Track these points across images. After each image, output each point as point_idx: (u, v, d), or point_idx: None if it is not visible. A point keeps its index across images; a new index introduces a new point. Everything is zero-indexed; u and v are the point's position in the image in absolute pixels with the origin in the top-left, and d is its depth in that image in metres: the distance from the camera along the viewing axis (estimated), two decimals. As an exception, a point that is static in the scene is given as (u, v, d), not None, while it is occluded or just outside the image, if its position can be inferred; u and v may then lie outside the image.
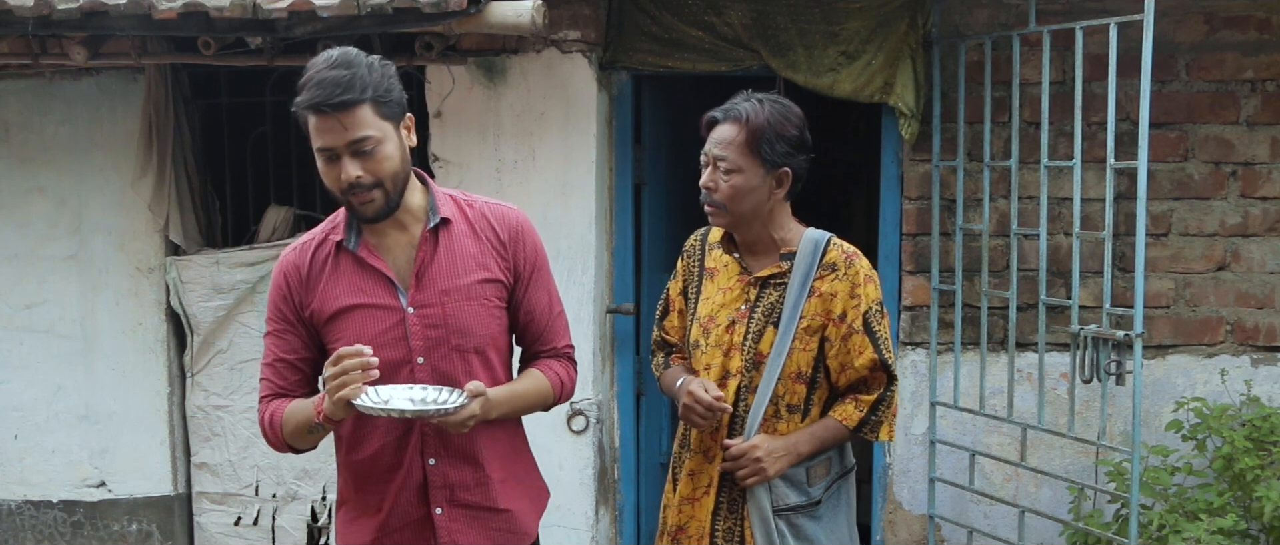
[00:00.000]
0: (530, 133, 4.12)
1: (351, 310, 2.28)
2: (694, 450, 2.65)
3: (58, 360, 4.48)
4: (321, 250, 2.32)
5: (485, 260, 2.32)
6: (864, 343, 2.56)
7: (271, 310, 2.34)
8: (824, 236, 2.61)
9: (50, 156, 4.40)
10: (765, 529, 2.56)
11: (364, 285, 2.28)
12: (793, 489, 2.57)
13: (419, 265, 2.27)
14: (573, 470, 4.19)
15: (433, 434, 2.29)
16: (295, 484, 4.41)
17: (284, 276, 2.32)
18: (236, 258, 4.32)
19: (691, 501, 2.67)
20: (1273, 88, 3.94)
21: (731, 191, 2.53)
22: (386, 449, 2.31)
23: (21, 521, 4.55)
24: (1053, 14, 3.85)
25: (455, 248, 2.30)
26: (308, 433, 2.26)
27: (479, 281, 2.31)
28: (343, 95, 2.11)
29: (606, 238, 4.28)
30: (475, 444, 2.33)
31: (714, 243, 2.72)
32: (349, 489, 2.39)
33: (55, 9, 3.71)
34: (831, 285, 2.56)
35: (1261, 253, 3.99)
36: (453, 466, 2.32)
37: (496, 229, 2.35)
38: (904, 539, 4.22)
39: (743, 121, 2.52)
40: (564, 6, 3.99)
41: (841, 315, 2.55)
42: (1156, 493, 3.64)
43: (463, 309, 2.28)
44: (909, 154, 4.10)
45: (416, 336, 2.26)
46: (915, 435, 4.17)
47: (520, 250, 2.36)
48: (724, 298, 2.63)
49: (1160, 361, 4.02)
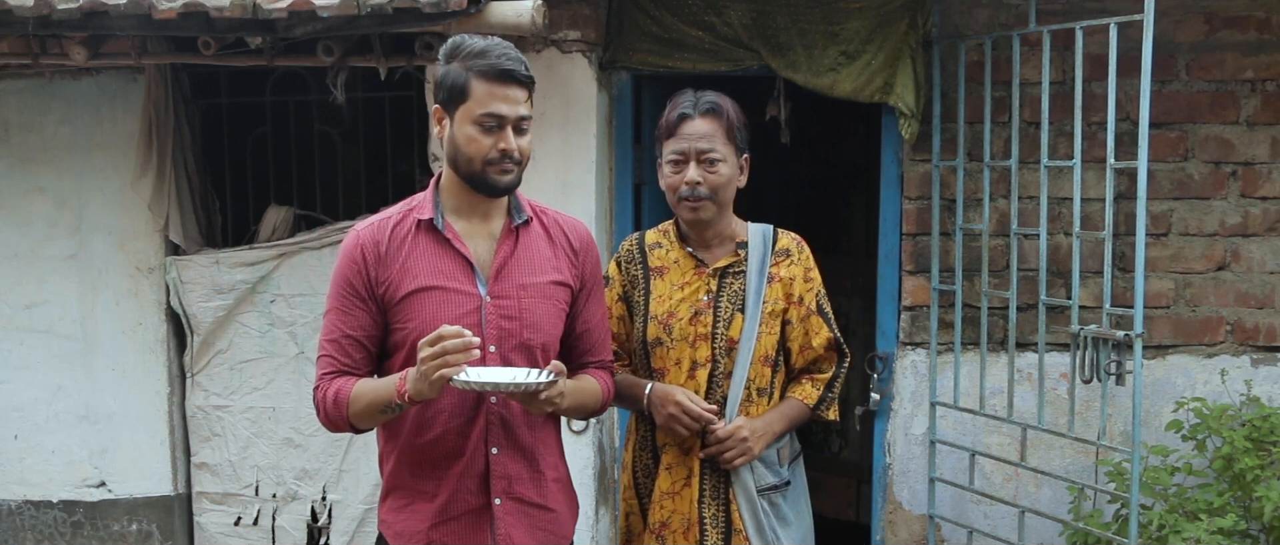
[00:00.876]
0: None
1: (429, 291, 2.30)
2: (671, 445, 2.71)
3: (58, 360, 4.48)
4: (401, 228, 2.34)
5: (559, 263, 2.41)
6: (820, 323, 2.74)
7: (341, 286, 2.32)
8: (768, 226, 2.76)
9: (50, 156, 4.40)
10: (753, 509, 2.67)
11: (445, 267, 2.31)
12: (769, 470, 2.71)
13: (500, 257, 2.33)
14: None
15: (498, 424, 2.33)
16: (295, 484, 4.41)
17: (361, 250, 2.31)
18: (236, 258, 4.32)
19: (673, 495, 2.72)
20: (1273, 88, 3.94)
21: (721, 181, 2.63)
22: (450, 434, 2.32)
23: (21, 521, 4.55)
24: (1053, 14, 3.85)
25: (533, 247, 2.38)
26: (380, 413, 2.26)
27: (553, 282, 2.39)
28: (529, 72, 2.26)
29: (606, 238, 4.28)
30: (535, 439, 2.39)
31: (654, 243, 2.79)
32: (404, 475, 2.37)
33: (55, 9, 3.71)
34: (789, 270, 2.72)
35: (1261, 253, 3.99)
36: (513, 459, 2.36)
37: (569, 237, 2.45)
38: (904, 539, 4.22)
39: (720, 113, 2.64)
40: (564, 6, 3.99)
41: (799, 298, 2.72)
42: (1156, 493, 3.64)
43: (536, 305, 2.35)
44: (909, 154, 4.10)
45: (491, 325, 2.30)
46: (915, 435, 4.17)
47: (587, 262, 2.47)
48: (682, 293, 2.70)
49: (1160, 361, 4.02)
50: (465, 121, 2.26)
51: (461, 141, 2.28)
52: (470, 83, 2.24)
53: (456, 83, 2.26)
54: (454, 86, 2.26)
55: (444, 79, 2.28)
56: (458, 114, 2.28)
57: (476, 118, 2.25)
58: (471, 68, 2.24)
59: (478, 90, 2.24)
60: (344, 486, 4.37)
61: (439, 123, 2.34)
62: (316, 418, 2.38)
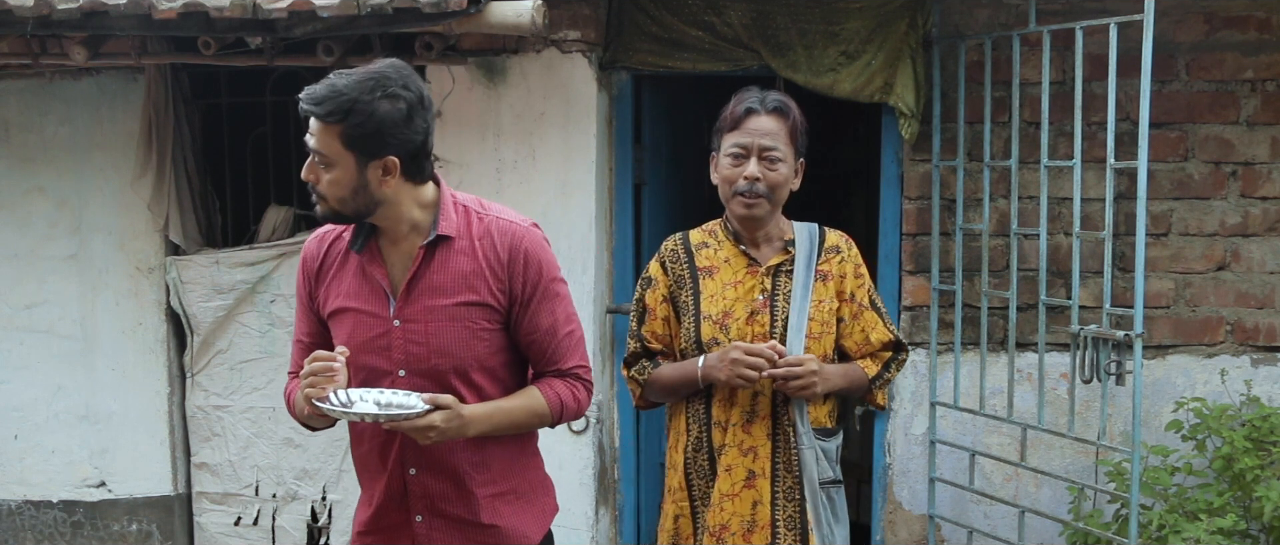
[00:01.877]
0: (530, 133, 4.11)
1: (345, 312, 2.29)
2: (728, 445, 2.66)
3: (58, 360, 4.48)
4: (337, 245, 2.34)
5: (474, 282, 2.26)
6: (874, 319, 2.73)
7: (298, 289, 2.40)
8: (814, 225, 2.76)
9: (50, 156, 4.40)
10: (815, 501, 2.67)
11: (361, 290, 2.28)
12: (829, 464, 2.71)
13: (409, 279, 2.25)
14: (573, 470, 4.19)
15: (412, 445, 2.26)
16: (295, 484, 4.41)
17: (304, 262, 2.37)
18: (236, 258, 4.32)
19: (733, 497, 2.67)
20: (1273, 88, 3.94)
21: (779, 180, 2.64)
22: (372, 453, 2.34)
23: (21, 521, 4.55)
24: (1053, 14, 3.85)
25: (450, 266, 2.25)
26: (304, 419, 2.34)
27: (462, 303, 2.25)
28: (315, 107, 2.15)
29: (606, 238, 4.28)
30: (455, 458, 2.30)
31: (700, 243, 2.75)
32: (360, 477, 2.45)
33: (55, 9, 3.71)
34: (839, 267, 2.71)
35: (1261, 253, 3.99)
36: (433, 478, 2.31)
37: (498, 249, 2.27)
38: (904, 539, 4.22)
39: (787, 114, 2.64)
40: (564, 6, 3.99)
41: (851, 295, 2.71)
42: (1156, 493, 3.64)
43: (444, 329, 2.24)
44: (909, 154, 4.10)
45: (397, 350, 2.25)
46: (915, 435, 4.17)
47: (518, 272, 2.27)
48: (736, 292, 2.68)
49: (1160, 361, 4.02)
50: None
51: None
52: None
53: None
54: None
55: None
56: None
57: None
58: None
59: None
60: (344, 486, 4.37)
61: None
62: None
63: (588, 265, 4.12)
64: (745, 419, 2.66)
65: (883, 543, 4.26)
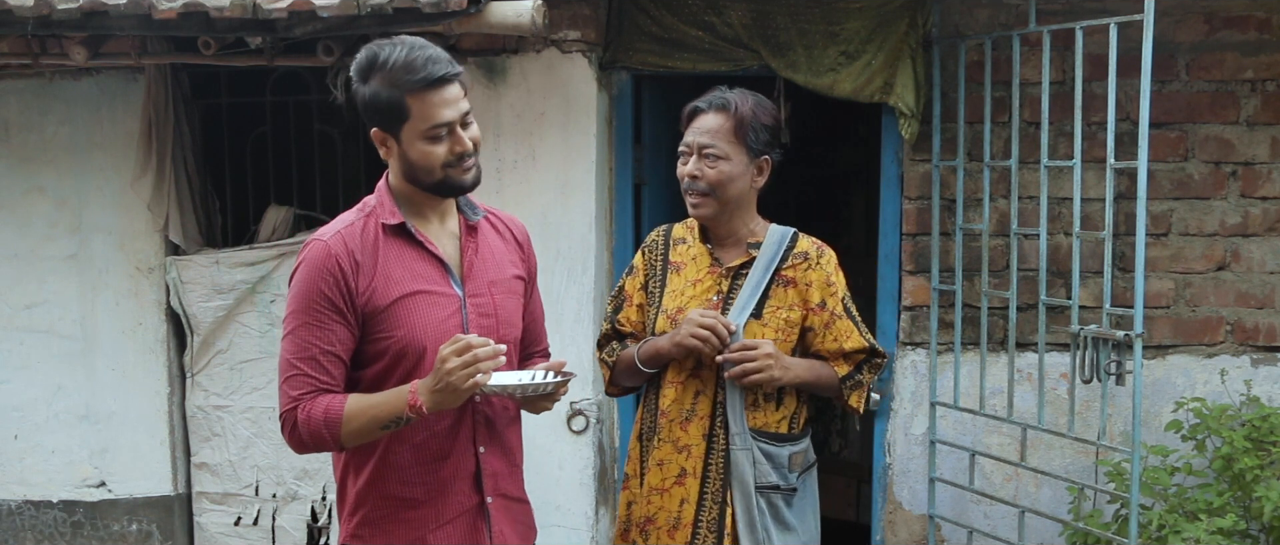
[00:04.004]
0: (530, 133, 4.12)
1: (413, 296, 2.24)
2: (662, 440, 2.69)
3: (58, 360, 4.48)
4: (365, 239, 2.23)
5: (513, 258, 2.43)
6: (849, 328, 2.69)
7: (313, 299, 2.20)
8: (790, 229, 2.73)
9: (50, 156, 4.40)
10: (747, 504, 2.62)
11: (422, 271, 2.27)
12: (774, 470, 2.65)
13: (468, 256, 2.32)
14: (573, 470, 4.19)
15: (483, 423, 2.33)
16: (295, 484, 4.41)
17: (336, 261, 2.20)
18: (236, 258, 4.32)
19: (661, 492, 2.70)
20: (1273, 88, 3.94)
21: (719, 178, 2.62)
22: (434, 438, 2.28)
23: (21, 521, 4.55)
24: (1053, 14, 3.85)
25: (491, 244, 2.39)
26: (381, 428, 2.19)
27: (513, 277, 2.41)
28: (455, 67, 2.18)
29: (606, 238, 4.28)
30: (511, 433, 2.40)
31: (679, 238, 2.78)
32: (385, 484, 2.28)
33: (55, 9, 3.71)
34: (806, 274, 2.68)
35: (1261, 253, 3.99)
36: (495, 456, 2.36)
37: (514, 233, 2.47)
38: (904, 539, 4.22)
39: (730, 110, 2.63)
40: (564, 6, 3.99)
41: (821, 303, 2.67)
42: (1156, 493, 3.64)
43: (507, 301, 2.37)
44: (909, 154, 4.10)
45: (472, 325, 2.29)
46: (915, 435, 4.17)
47: (529, 254, 2.49)
48: (694, 289, 2.70)
49: (1160, 361, 4.02)
50: (414, 140, 2.19)
51: (416, 158, 2.21)
52: (406, 101, 2.15)
53: (392, 104, 2.16)
54: (390, 109, 2.16)
55: (374, 103, 2.17)
56: (403, 134, 2.19)
57: (424, 133, 2.17)
58: (402, 85, 2.14)
59: (417, 107, 2.15)
60: (344, 486, 4.37)
61: (383, 145, 2.24)
62: (285, 440, 2.26)
63: (588, 265, 4.12)
64: (684, 417, 2.68)
65: (883, 543, 4.26)
